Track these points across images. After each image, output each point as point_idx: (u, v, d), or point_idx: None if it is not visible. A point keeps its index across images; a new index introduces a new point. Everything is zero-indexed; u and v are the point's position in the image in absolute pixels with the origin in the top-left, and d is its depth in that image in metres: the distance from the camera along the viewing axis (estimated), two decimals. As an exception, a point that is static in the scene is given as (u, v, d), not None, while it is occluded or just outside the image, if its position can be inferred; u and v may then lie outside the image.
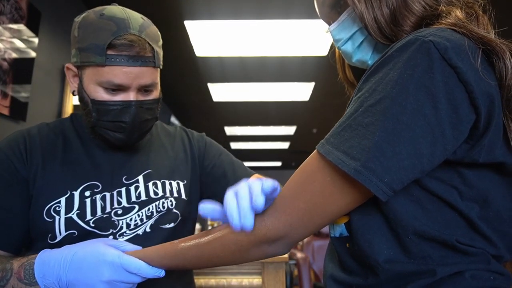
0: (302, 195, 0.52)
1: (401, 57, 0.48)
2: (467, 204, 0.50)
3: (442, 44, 0.46)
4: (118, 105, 0.79)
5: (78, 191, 0.82)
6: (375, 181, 0.46)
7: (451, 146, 0.47)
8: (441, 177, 0.50)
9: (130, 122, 0.80)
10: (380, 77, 0.49)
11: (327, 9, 0.66)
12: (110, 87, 0.78)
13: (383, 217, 0.52)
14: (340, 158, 0.48)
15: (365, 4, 0.57)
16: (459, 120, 0.46)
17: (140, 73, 0.79)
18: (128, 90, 0.80)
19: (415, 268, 0.51)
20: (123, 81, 0.78)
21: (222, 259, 0.59)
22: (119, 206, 0.83)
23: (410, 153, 0.46)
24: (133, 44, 0.76)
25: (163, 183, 0.89)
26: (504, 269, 0.53)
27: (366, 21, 0.57)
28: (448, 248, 0.50)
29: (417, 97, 0.46)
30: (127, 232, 0.82)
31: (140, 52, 0.77)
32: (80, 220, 0.79)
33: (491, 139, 0.48)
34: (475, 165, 0.49)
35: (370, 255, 0.52)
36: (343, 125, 0.50)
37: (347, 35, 0.63)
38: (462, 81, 0.46)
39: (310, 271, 2.70)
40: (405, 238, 0.51)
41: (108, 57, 0.76)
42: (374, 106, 0.48)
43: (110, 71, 0.77)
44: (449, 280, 0.49)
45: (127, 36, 0.76)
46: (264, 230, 0.54)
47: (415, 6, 0.56)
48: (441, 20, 0.53)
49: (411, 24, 0.56)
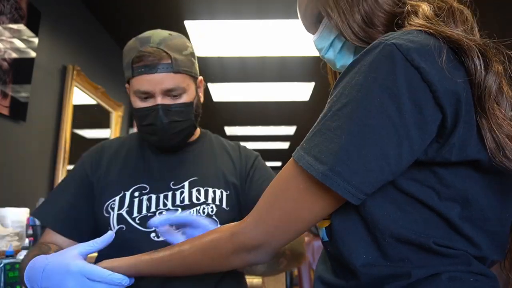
0: (277, 202, 0.53)
1: (365, 61, 0.49)
2: (446, 204, 0.50)
3: (405, 46, 0.47)
4: (147, 110, 0.91)
5: (129, 192, 0.94)
6: (343, 184, 0.46)
7: (418, 146, 0.47)
8: (416, 177, 0.50)
9: (159, 124, 0.91)
10: (347, 81, 0.50)
11: (308, 22, 0.69)
12: (140, 95, 0.91)
13: (362, 220, 0.52)
14: (310, 162, 0.48)
15: (338, 13, 0.59)
16: (424, 121, 0.46)
17: (161, 79, 0.89)
18: (155, 96, 0.91)
19: (392, 271, 0.51)
20: (147, 87, 0.90)
21: (204, 266, 0.60)
22: (164, 207, 0.93)
23: (377, 155, 0.46)
24: (150, 55, 0.88)
25: (206, 190, 0.96)
26: (489, 270, 0.52)
27: (341, 28, 0.59)
28: (425, 251, 0.50)
29: (381, 100, 0.46)
30: None
31: (155, 61, 0.89)
32: (128, 216, 0.91)
33: (462, 137, 0.47)
34: (449, 164, 0.49)
35: (348, 259, 0.52)
36: (314, 130, 0.51)
37: (327, 43, 0.65)
38: (426, 81, 0.46)
39: (310, 271, 2.70)
40: (383, 242, 0.51)
41: (134, 70, 0.90)
42: (341, 110, 0.48)
43: (137, 81, 0.91)
44: (425, 282, 0.49)
45: (146, 49, 0.89)
46: (242, 238, 0.55)
47: (386, 4, 0.57)
48: (410, 20, 0.54)
49: (384, 23, 0.57)
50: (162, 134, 0.92)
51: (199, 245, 0.60)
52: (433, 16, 0.53)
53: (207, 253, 0.59)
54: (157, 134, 0.92)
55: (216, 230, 0.61)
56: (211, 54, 3.38)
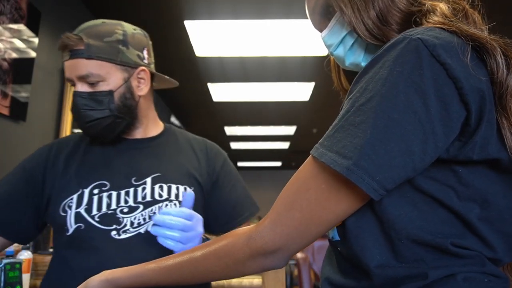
0: (297, 204, 0.51)
1: (390, 55, 0.48)
2: (465, 205, 0.49)
3: (431, 42, 0.46)
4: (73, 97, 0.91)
5: (88, 189, 0.90)
6: (367, 179, 0.45)
7: (442, 143, 0.46)
8: (435, 176, 0.49)
9: (75, 112, 0.90)
10: (370, 76, 0.49)
11: (317, 17, 0.67)
12: (68, 82, 0.92)
13: (377, 220, 0.51)
14: (333, 158, 0.47)
15: (351, 9, 0.58)
16: (449, 117, 0.46)
17: (74, 65, 0.89)
18: (76, 83, 0.90)
19: (407, 272, 0.50)
20: (67, 74, 0.91)
21: (217, 273, 0.57)
22: (125, 204, 0.89)
23: (402, 151, 0.45)
24: (68, 41, 0.88)
25: (169, 186, 0.93)
26: (501, 272, 0.52)
27: (355, 24, 0.58)
28: (442, 252, 0.50)
29: (407, 94, 0.46)
30: (130, 229, 0.87)
31: (70, 47, 0.88)
32: (87, 214, 0.87)
33: (484, 135, 0.47)
34: (469, 162, 0.49)
35: (362, 259, 0.51)
36: (336, 127, 0.50)
37: (337, 40, 0.64)
38: (452, 77, 0.45)
39: (310, 271, 2.70)
40: (398, 242, 0.50)
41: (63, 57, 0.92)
42: (365, 105, 0.47)
43: (64, 67, 0.92)
44: (440, 283, 0.48)
45: (66, 35, 0.89)
46: (260, 242, 0.52)
47: (401, 3, 0.57)
48: (428, 18, 0.53)
49: (399, 21, 0.57)
50: (79, 122, 0.91)
51: (212, 251, 0.57)
52: (451, 15, 0.53)
53: (221, 259, 0.56)
54: (77, 120, 0.91)
55: (230, 234, 0.57)
56: (211, 54, 3.38)
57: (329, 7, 0.64)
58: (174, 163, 0.97)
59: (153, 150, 0.98)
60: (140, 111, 0.98)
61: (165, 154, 0.99)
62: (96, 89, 0.89)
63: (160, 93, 4.59)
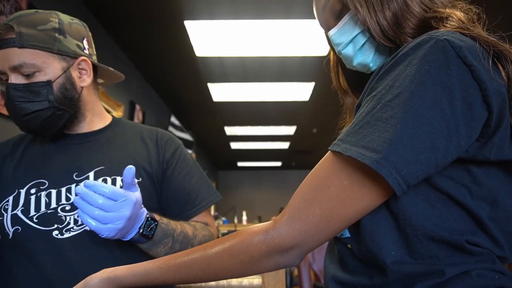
0: (317, 200, 0.51)
1: (417, 54, 0.49)
2: (477, 204, 0.50)
3: (457, 43, 0.47)
4: (4, 93, 0.84)
5: (24, 189, 0.85)
6: (395, 174, 0.45)
7: (464, 142, 0.47)
8: (451, 175, 0.50)
9: (10, 105, 0.82)
10: (397, 74, 0.50)
11: (327, 14, 0.66)
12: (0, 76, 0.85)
13: (393, 217, 0.52)
14: (360, 152, 0.47)
15: (367, 8, 0.58)
16: (473, 117, 0.47)
17: (5, 55, 0.81)
18: (9, 75, 0.83)
19: (423, 269, 0.51)
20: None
21: (230, 271, 0.55)
22: (67, 202, 0.84)
23: (427, 147, 0.46)
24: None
25: (114, 179, 0.88)
26: (507, 269, 0.53)
27: (369, 24, 0.58)
28: (455, 248, 0.51)
29: (435, 92, 0.46)
30: (74, 227, 0.83)
31: (1, 36, 0.81)
32: (24, 216, 0.82)
33: (501, 137, 0.48)
34: (485, 163, 0.50)
35: (377, 256, 0.52)
36: (360, 123, 0.50)
37: (348, 39, 0.63)
38: (476, 79, 0.46)
39: (310, 271, 2.70)
40: (414, 239, 0.50)
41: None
42: (393, 101, 0.48)
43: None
44: (456, 279, 0.50)
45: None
46: (277, 239, 0.52)
47: (416, 8, 0.57)
48: (446, 23, 0.54)
49: (413, 26, 0.57)
50: (14, 117, 0.83)
51: (227, 248, 0.55)
52: (468, 22, 0.54)
53: (236, 256, 0.54)
54: (11, 116, 0.84)
55: (245, 231, 0.56)
56: (211, 54, 3.38)
57: (341, 5, 0.64)
58: (120, 155, 0.92)
59: (97, 144, 0.92)
60: (83, 104, 0.92)
61: (110, 146, 0.93)
62: (32, 80, 0.83)
63: (160, 93, 4.59)
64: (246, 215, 8.22)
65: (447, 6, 0.58)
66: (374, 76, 0.54)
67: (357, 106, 0.57)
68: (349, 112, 0.75)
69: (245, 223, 7.16)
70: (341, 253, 0.60)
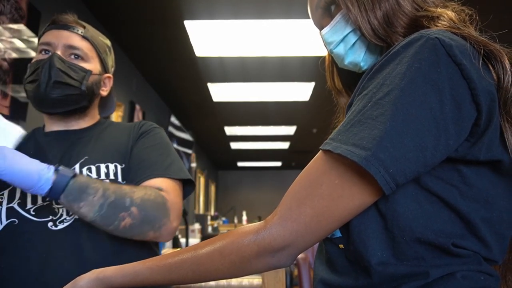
0: (308, 200, 0.50)
1: (407, 52, 0.49)
2: (468, 205, 0.50)
3: (447, 42, 0.47)
4: (40, 61, 0.92)
5: None
6: (383, 172, 0.45)
7: (453, 141, 0.47)
8: (441, 175, 0.50)
9: (45, 69, 0.89)
10: (387, 72, 0.50)
11: (320, 13, 0.67)
12: (41, 47, 0.96)
13: (381, 217, 0.51)
14: (350, 149, 0.47)
15: (358, 7, 0.59)
16: (461, 117, 0.47)
17: (67, 35, 0.95)
18: (56, 49, 0.93)
19: (408, 270, 0.50)
20: (50, 39, 0.95)
21: (221, 271, 0.55)
22: None
23: (416, 146, 0.46)
24: (66, 19, 0.99)
25: (98, 167, 0.92)
26: (494, 270, 0.53)
27: (360, 23, 0.58)
28: (441, 251, 0.50)
29: (425, 90, 0.46)
30: (67, 218, 0.86)
31: (68, 23, 0.98)
32: (21, 209, 0.86)
33: (490, 136, 0.48)
34: (474, 163, 0.50)
35: (363, 256, 0.51)
36: (351, 122, 0.50)
37: (339, 37, 0.64)
38: (466, 78, 0.46)
39: (310, 271, 2.69)
40: (400, 240, 0.50)
41: (45, 30, 0.98)
42: (383, 99, 0.48)
43: (43, 37, 0.97)
44: (441, 281, 0.49)
45: (63, 15, 1.00)
46: (268, 239, 0.51)
47: (407, 7, 0.58)
48: (437, 22, 0.54)
49: (404, 25, 0.57)
50: (45, 80, 0.88)
51: (217, 248, 0.55)
52: (459, 22, 0.55)
53: (227, 256, 0.53)
54: (42, 80, 0.88)
55: (236, 231, 0.55)
56: (211, 54, 3.38)
57: (333, 4, 0.64)
58: (102, 145, 0.97)
59: (84, 139, 0.98)
60: (93, 107, 1.03)
61: (93, 139, 0.98)
62: (76, 62, 0.94)
63: (160, 93, 4.59)
64: (246, 215, 8.22)
65: (439, 6, 0.59)
66: (366, 75, 0.54)
67: (348, 105, 0.57)
68: (342, 111, 0.76)
69: (245, 223, 7.16)
70: (330, 254, 0.59)
